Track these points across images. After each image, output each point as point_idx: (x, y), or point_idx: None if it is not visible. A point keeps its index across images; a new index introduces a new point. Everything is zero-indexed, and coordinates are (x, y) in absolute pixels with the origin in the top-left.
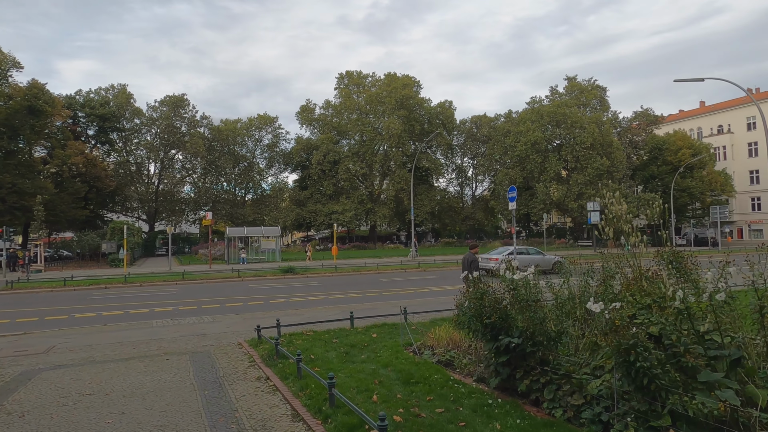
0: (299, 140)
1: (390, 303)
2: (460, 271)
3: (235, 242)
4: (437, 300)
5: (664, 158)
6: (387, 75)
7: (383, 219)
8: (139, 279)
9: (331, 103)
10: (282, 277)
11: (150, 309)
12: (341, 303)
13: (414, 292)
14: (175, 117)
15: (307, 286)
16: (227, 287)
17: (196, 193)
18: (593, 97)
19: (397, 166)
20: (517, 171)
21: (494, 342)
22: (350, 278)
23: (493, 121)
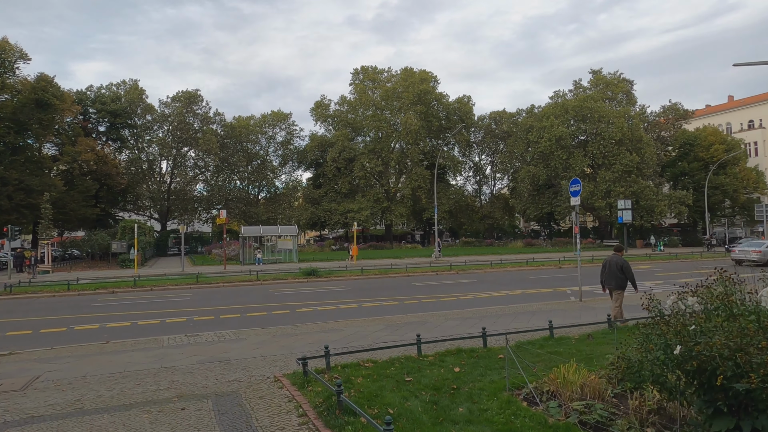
0: (313, 137)
1: (437, 314)
2: (504, 275)
3: (250, 242)
4: (491, 311)
5: (695, 154)
6: (404, 70)
7: (400, 218)
8: (150, 282)
9: (347, 98)
10: (305, 280)
11: (161, 319)
12: (379, 313)
13: (457, 299)
14: (187, 113)
15: (334, 291)
16: (246, 292)
17: (209, 191)
18: (619, 91)
19: (414, 164)
20: (541, 168)
21: None
22: (379, 282)
23: (513, 116)
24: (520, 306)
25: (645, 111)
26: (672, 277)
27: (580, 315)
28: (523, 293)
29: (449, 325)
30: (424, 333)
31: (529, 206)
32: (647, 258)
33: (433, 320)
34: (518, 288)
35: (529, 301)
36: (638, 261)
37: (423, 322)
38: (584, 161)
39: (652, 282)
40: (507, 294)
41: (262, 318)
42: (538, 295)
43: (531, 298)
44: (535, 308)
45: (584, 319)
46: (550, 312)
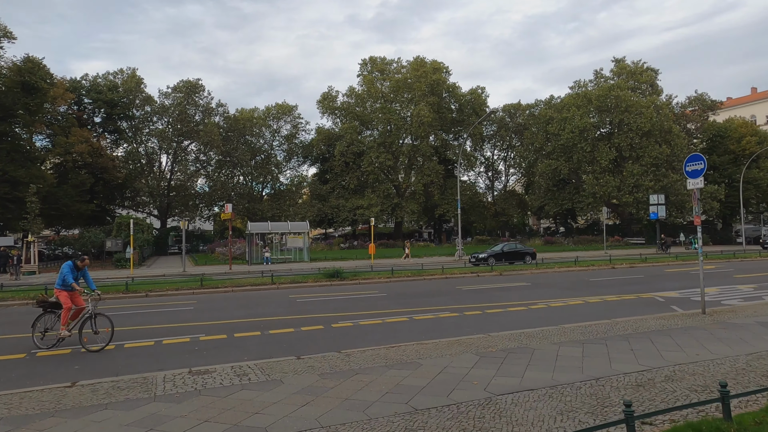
0: (320, 130)
1: (528, 334)
2: (556, 277)
3: (257, 239)
4: (589, 329)
5: (725, 147)
6: (415, 59)
7: (411, 215)
8: (146, 286)
9: (355, 90)
10: (327, 283)
11: (156, 339)
12: (446, 331)
13: (528, 309)
14: (188, 104)
15: (368, 298)
16: (261, 299)
17: (211, 187)
18: (644, 81)
19: (425, 158)
20: (562, 162)
21: None
22: (416, 286)
23: (530, 108)
24: (621, 322)
25: (671, 101)
26: (760, 279)
27: (740, 339)
28: (604, 301)
29: (569, 355)
30: (543, 369)
31: (548, 202)
32: (688, 257)
33: (535, 344)
34: (589, 294)
35: (620, 313)
36: (689, 261)
37: (523, 348)
38: (610, 154)
39: (748, 286)
40: (585, 302)
41: (291, 338)
42: (624, 303)
43: (618, 308)
44: (642, 325)
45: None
46: (670, 332)
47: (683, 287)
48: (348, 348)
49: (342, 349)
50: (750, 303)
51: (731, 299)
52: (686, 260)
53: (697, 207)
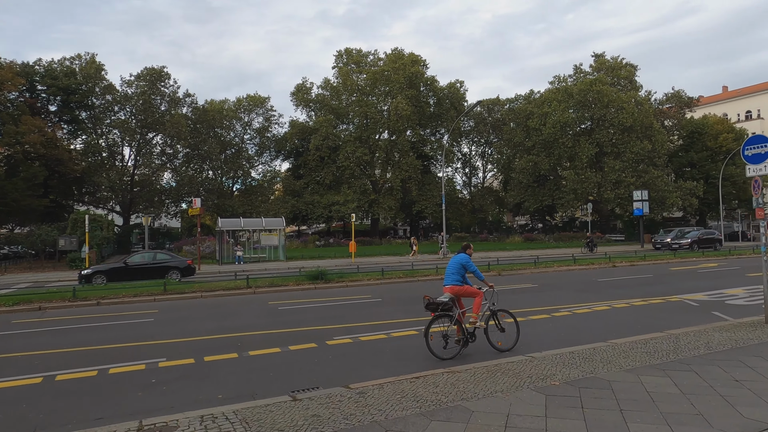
0: (294, 124)
1: (570, 354)
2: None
3: (228, 237)
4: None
5: (703, 143)
6: (393, 51)
7: (388, 211)
8: (99, 291)
9: (330, 82)
10: (311, 286)
11: (101, 369)
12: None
13: (552, 317)
14: (153, 93)
15: (360, 303)
16: (236, 306)
17: (178, 181)
18: (623, 77)
19: (402, 153)
20: (543, 157)
21: None
22: (411, 288)
23: (509, 103)
24: (679, 336)
25: (650, 97)
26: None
27: None
28: (631, 306)
29: (664, 391)
30: (651, 420)
31: (528, 198)
32: (673, 256)
33: (603, 372)
34: (607, 297)
35: (663, 322)
36: (688, 258)
37: (592, 379)
38: (591, 149)
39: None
40: (611, 307)
41: (277, 362)
42: (655, 309)
43: (653, 315)
44: (709, 341)
45: None
46: (750, 349)
47: (706, 288)
48: (356, 379)
49: (349, 381)
50: None
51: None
52: (685, 258)
53: (760, 198)
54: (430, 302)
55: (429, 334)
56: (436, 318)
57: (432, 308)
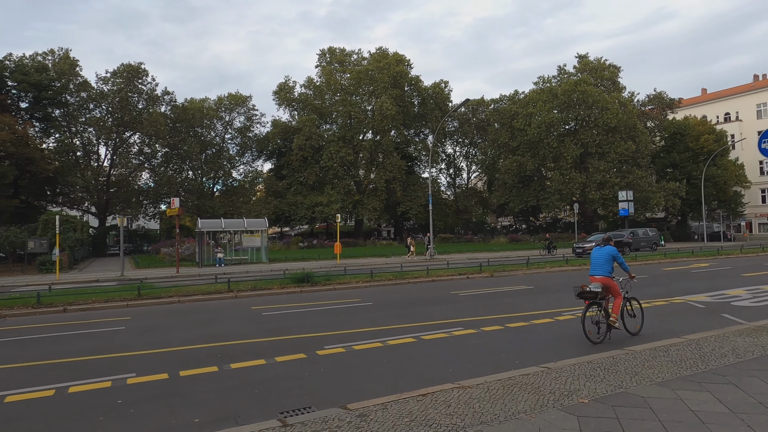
0: (276, 123)
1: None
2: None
3: (208, 238)
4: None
5: (685, 144)
6: (377, 50)
7: (373, 212)
8: (67, 296)
9: (313, 81)
10: (297, 289)
11: (59, 387)
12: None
13: (556, 321)
14: (130, 91)
15: (351, 308)
16: (216, 312)
17: (157, 182)
18: (606, 78)
19: (387, 153)
20: (528, 157)
21: None
22: (401, 291)
23: (493, 103)
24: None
25: (633, 99)
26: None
27: None
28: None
29: (709, 410)
30: None
31: (513, 199)
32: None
33: (633, 386)
34: None
35: (674, 325)
36: (678, 258)
37: (623, 395)
38: (575, 150)
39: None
40: None
41: (263, 376)
42: (661, 312)
43: (661, 318)
44: (734, 347)
45: None
46: None
47: (706, 289)
48: (354, 396)
49: (346, 399)
50: None
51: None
52: (675, 258)
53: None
54: (585, 291)
55: (585, 320)
56: (589, 306)
57: (586, 297)
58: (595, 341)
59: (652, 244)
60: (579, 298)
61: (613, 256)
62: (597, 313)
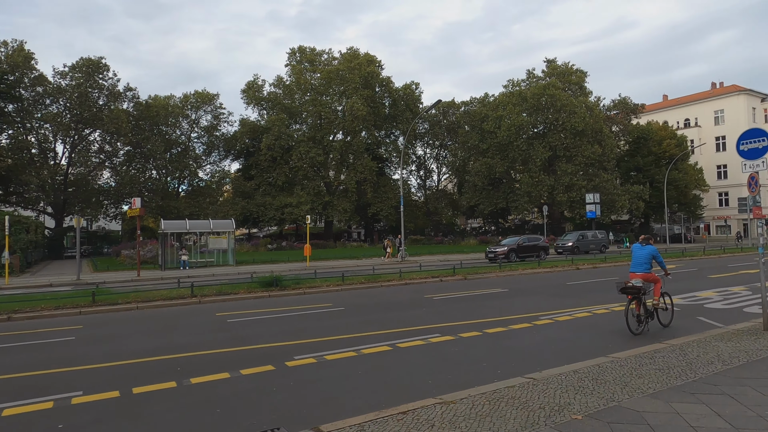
0: (244, 122)
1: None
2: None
3: (172, 240)
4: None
5: (648, 149)
6: (348, 50)
7: (343, 213)
8: (12, 303)
9: (283, 80)
10: (265, 294)
11: None
12: (451, 368)
13: (534, 326)
14: (90, 86)
15: (322, 314)
16: (177, 319)
17: (118, 181)
18: (574, 82)
19: (357, 154)
20: (498, 160)
21: None
22: (375, 295)
23: (464, 105)
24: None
25: (600, 103)
26: (740, 279)
27: None
28: (611, 311)
29: (710, 425)
30: None
31: (483, 201)
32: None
33: (624, 399)
34: (581, 301)
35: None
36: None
37: (616, 409)
38: (544, 152)
39: (739, 287)
40: (592, 313)
41: (227, 393)
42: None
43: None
44: (718, 354)
45: None
46: (766, 361)
47: (678, 291)
48: (328, 414)
49: (319, 418)
50: None
51: (749, 306)
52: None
53: (758, 195)
54: (627, 287)
55: (628, 312)
56: (631, 300)
57: (629, 291)
58: (636, 333)
59: (601, 247)
60: (621, 293)
61: (653, 255)
62: (637, 307)
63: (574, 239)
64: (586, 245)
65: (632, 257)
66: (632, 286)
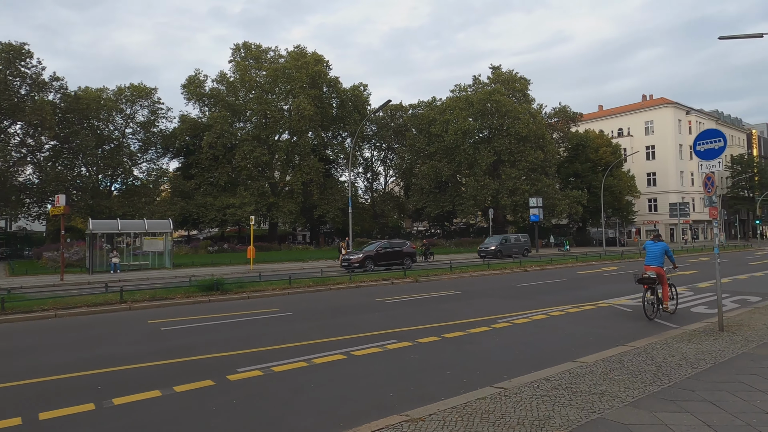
0: (184, 119)
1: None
2: (480, 282)
3: (102, 241)
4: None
5: (586, 155)
6: (295, 49)
7: (289, 215)
8: None
9: (227, 76)
10: (205, 299)
11: None
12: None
13: (493, 329)
14: (11, 73)
15: (268, 319)
16: (103, 327)
17: (42, 178)
18: (518, 89)
19: (304, 155)
20: (445, 163)
21: None
22: (324, 299)
23: (411, 108)
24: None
25: (542, 111)
26: (682, 280)
27: None
28: (566, 313)
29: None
30: None
31: (429, 204)
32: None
33: (605, 409)
34: (536, 303)
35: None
36: (589, 262)
37: (602, 423)
38: (489, 157)
39: (681, 288)
40: (548, 315)
41: (157, 415)
42: (591, 316)
43: (593, 323)
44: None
45: None
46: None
47: (626, 292)
48: None
49: None
50: (737, 312)
51: (695, 307)
52: (586, 261)
53: (714, 196)
54: (644, 278)
55: (645, 300)
56: (647, 290)
57: (645, 282)
58: (651, 317)
59: (523, 250)
60: (638, 284)
61: (665, 251)
62: (652, 296)
63: (496, 243)
64: (509, 249)
65: (647, 253)
66: (648, 277)
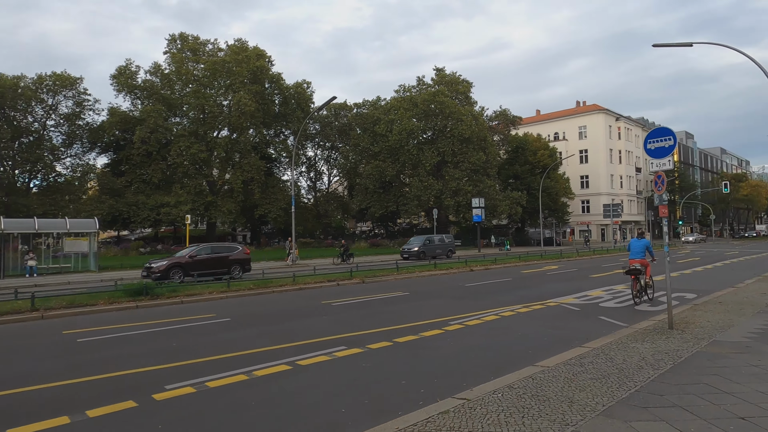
0: (114, 112)
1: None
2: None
3: (18, 242)
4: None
5: (525, 158)
6: (236, 42)
7: (227, 215)
8: None
9: (161, 68)
10: (132, 304)
11: None
12: (364, 387)
13: (446, 332)
14: None
15: (203, 327)
16: (9, 340)
17: None
18: (461, 92)
19: (244, 153)
20: (389, 163)
21: None
22: (266, 302)
23: (356, 108)
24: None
25: (483, 113)
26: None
27: None
28: (517, 313)
29: None
30: None
31: (374, 204)
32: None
33: (577, 420)
34: (486, 303)
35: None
36: (530, 261)
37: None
38: (433, 157)
39: (621, 286)
40: (500, 316)
41: None
42: (541, 316)
43: (544, 323)
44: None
45: None
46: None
47: (570, 291)
48: None
49: None
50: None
51: (639, 304)
52: (528, 261)
53: (664, 194)
54: (631, 269)
55: (633, 289)
56: (634, 280)
57: (632, 272)
58: (638, 303)
59: (447, 251)
60: (626, 275)
61: (647, 246)
62: (638, 285)
63: (419, 244)
64: (433, 250)
65: (631, 248)
66: (635, 269)
